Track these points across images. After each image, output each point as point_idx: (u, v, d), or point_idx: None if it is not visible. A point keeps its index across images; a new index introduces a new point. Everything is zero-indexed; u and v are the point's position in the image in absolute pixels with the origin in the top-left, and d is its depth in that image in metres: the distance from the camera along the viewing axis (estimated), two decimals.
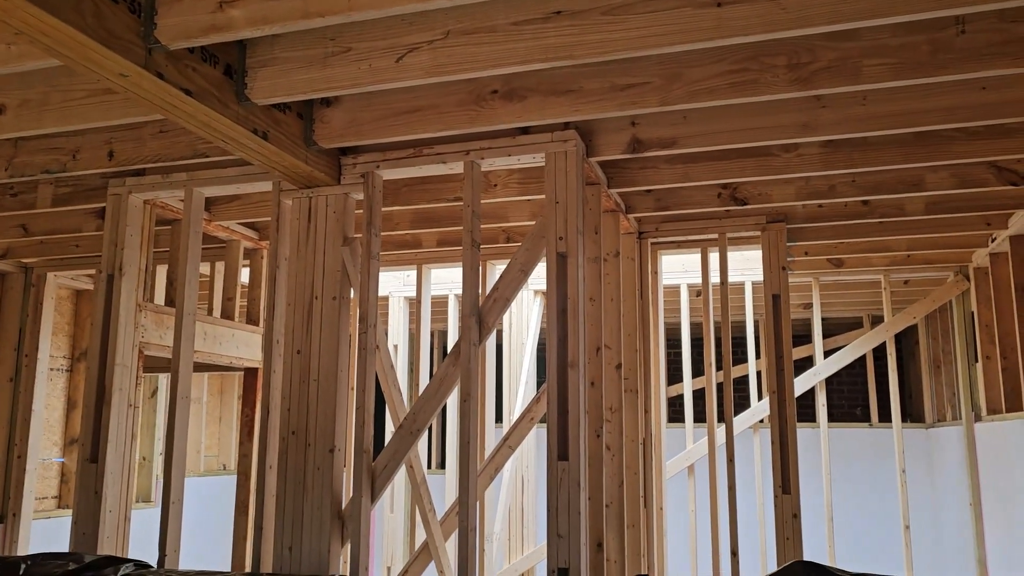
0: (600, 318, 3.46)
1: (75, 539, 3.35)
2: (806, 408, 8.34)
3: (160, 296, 4.76)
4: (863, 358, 7.45)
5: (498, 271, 4.75)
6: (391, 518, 5.47)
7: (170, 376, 3.34)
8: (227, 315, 4.52)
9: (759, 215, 4.10)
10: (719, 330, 7.48)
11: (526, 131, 2.95)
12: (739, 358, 8.99)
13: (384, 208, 3.78)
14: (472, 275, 2.96)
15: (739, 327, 8.84)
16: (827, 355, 6.20)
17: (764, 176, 3.35)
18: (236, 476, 4.43)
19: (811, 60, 2.44)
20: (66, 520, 5.52)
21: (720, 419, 5.70)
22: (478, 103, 2.73)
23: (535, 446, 5.61)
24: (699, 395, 8.48)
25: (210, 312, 4.71)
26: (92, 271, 5.25)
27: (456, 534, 3.50)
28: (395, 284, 5.89)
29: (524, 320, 5.46)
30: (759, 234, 4.15)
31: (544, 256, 2.93)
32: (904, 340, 8.81)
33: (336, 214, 3.19)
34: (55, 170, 3.29)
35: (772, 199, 3.76)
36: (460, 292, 3.94)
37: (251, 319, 4.65)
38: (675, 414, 9.06)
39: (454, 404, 5.03)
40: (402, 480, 5.41)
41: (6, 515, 5.09)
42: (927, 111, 2.71)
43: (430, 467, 8.42)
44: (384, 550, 5.48)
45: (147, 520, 5.89)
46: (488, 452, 4.16)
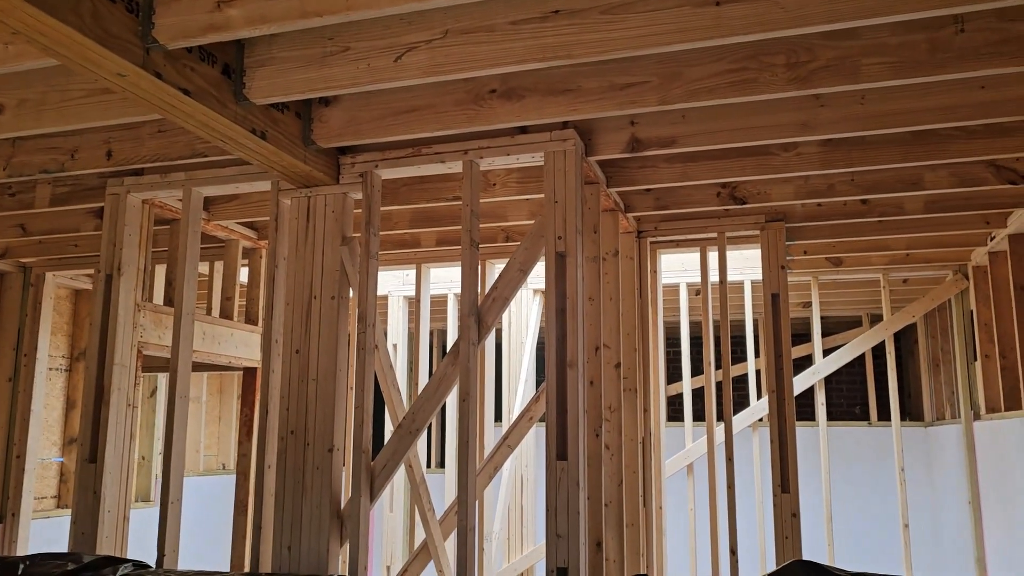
0: (599, 317, 3.46)
1: (74, 539, 3.35)
2: (805, 407, 8.34)
3: (159, 296, 4.76)
4: (862, 357, 7.46)
5: (497, 270, 4.75)
6: (390, 517, 5.47)
7: (169, 375, 3.34)
8: (226, 315, 4.52)
9: (758, 214, 4.10)
10: (718, 329, 7.47)
11: (525, 130, 2.95)
12: (738, 357, 9.00)
13: (383, 207, 3.77)
14: (471, 274, 2.96)
15: (738, 326, 8.85)
16: (826, 354, 6.20)
17: (763, 175, 3.35)
18: (235, 475, 4.43)
19: (810, 59, 2.44)
20: (65, 520, 5.52)
21: (719, 418, 5.70)
22: (477, 102, 2.73)
23: (534, 445, 5.61)
24: (698, 394, 8.49)
25: (209, 312, 4.71)
26: (91, 271, 5.25)
27: (455, 533, 3.50)
28: (394, 283, 5.88)
29: (523, 319, 5.45)
30: (758, 233, 4.16)
31: (543, 255, 2.93)
32: (903, 339, 8.82)
33: (335, 213, 3.19)
34: (53, 170, 3.29)
35: (771, 198, 3.76)
36: (459, 291, 3.93)
37: (250, 319, 4.64)
38: (674, 413, 9.06)
39: (453, 403, 5.03)
40: (401, 479, 5.41)
41: (5, 515, 5.09)
42: (926, 110, 2.71)
43: (429, 466, 8.42)
44: (383, 549, 5.48)
45: (146, 519, 5.89)
46: (487, 451, 4.16)
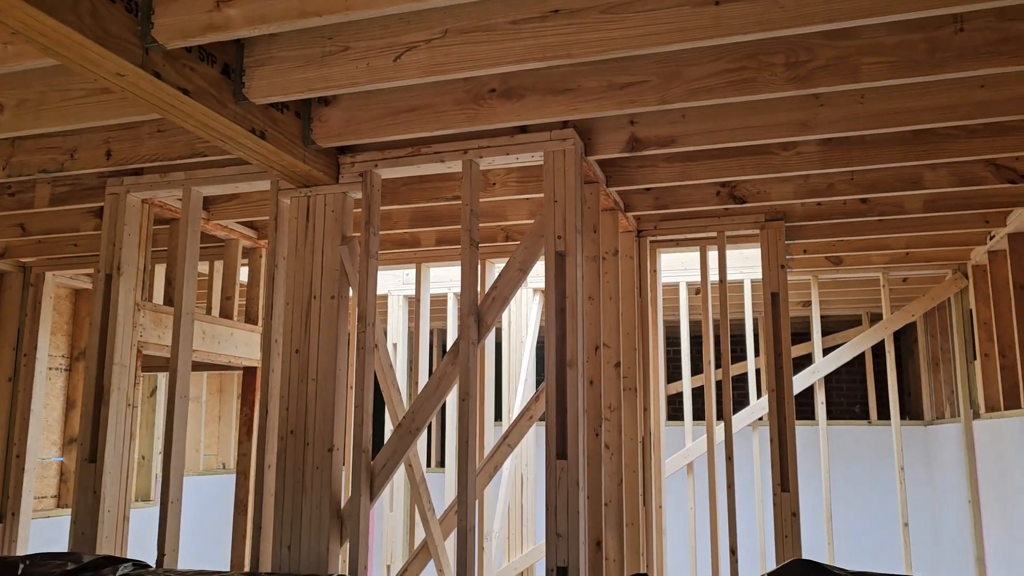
0: (599, 317, 3.46)
1: (74, 538, 3.35)
2: (805, 406, 8.34)
3: (159, 295, 4.76)
4: (862, 356, 7.46)
5: (497, 270, 4.75)
6: (390, 517, 5.47)
7: (169, 375, 3.34)
8: (226, 314, 4.52)
9: (758, 213, 4.10)
10: (718, 328, 7.47)
11: (524, 130, 2.95)
12: (738, 356, 9.00)
13: (383, 207, 3.77)
14: (471, 274, 2.96)
15: (738, 325, 8.85)
16: (826, 353, 6.20)
17: (763, 174, 3.35)
18: (235, 475, 4.43)
19: (809, 58, 2.44)
20: (65, 519, 5.53)
21: (719, 417, 5.70)
22: (476, 102, 2.73)
23: (534, 444, 5.61)
24: (698, 393, 8.49)
25: (209, 311, 4.71)
26: (90, 270, 5.25)
27: (455, 532, 3.50)
28: (394, 282, 5.88)
29: (523, 318, 5.45)
30: (758, 232, 4.16)
31: (543, 255, 2.93)
32: (903, 338, 8.82)
33: (334, 213, 3.19)
34: (53, 169, 3.29)
35: (771, 197, 3.76)
36: (459, 291, 3.93)
37: (250, 318, 4.64)
38: (674, 412, 9.06)
39: (453, 402, 5.03)
40: (401, 479, 5.41)
41: (5, 514, 5.09)
42: (925, 109, 2.71)
43: (429, 466, 8.43)
44: (383, 549, 5.48)
45: (146, 519, 5.89)
46: (487, 450, 4.16)
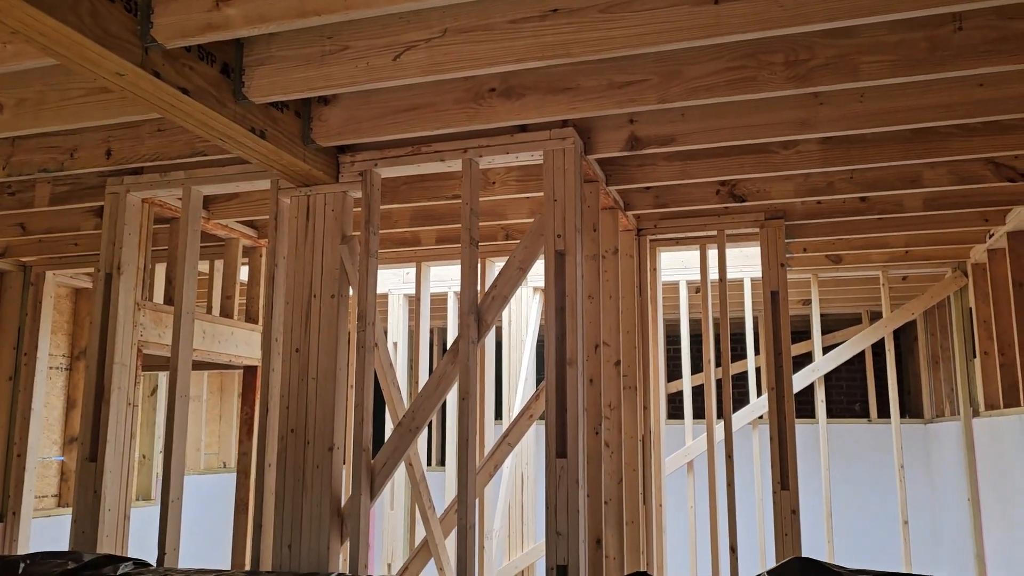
0: (599, 315, 3.46)
1: (74, 537, 3.36)
2: (805, 404, 8.35)
3: (159, 294, 4.77)
4: (862, 354, 7.46)
5: (497, 268, 4.75)
6: (391, 515, 5.48)
7: (169, 374, 3.34)
8: (226, 313, 4.52)
9: (758, 212, 4.10)
10: (718, 327, 7.47)
11: (524, 129, 2.95)
12: (738, 354, 9.00)
13: (383, 206, 3.77)
14: (471, 273, 2.96)
15: (738, 323, 8.85)
16: (826, 351, 6.20)
17: (763, 173, 3.35)
18: (236, 474, 4.43)
19: (809, 57, 2.44)
20: (66, 519, 5.53)
21: (719, 415, 5.70)
22: (476, 101, 2.73)
23: (534, 443, 5.61)
24: (698, 391, 8.49)
25: (209, 310, 4.71)
26: (91, 270, 5.25)
27: (456, 531, 3.51)
28: (394, 281, 5.88)
29: (523, 317, 5.46)
30: (758, 231, 4.16)
31: (543, 254, 2.93)
32: (903, 336, 8.83)
33: (334, 212, 3.19)
34: (53, 169, 3.29)
35: (771, 196, 3.76)
36: (459, 289, 3.93)
37: (250, 317, 4.65)
38: (674, 411, 9.07)
39: (453, 401, 5.03)
40: (402, 477, 5.41)
41: (6, 514, 5.10)
42: (925, 108, 2.71)
43: (430, 464, 8.44)
44: (384, 547, 5.48)
45: (147, 518, 5.90)
46: (487, 449, 4.16)
